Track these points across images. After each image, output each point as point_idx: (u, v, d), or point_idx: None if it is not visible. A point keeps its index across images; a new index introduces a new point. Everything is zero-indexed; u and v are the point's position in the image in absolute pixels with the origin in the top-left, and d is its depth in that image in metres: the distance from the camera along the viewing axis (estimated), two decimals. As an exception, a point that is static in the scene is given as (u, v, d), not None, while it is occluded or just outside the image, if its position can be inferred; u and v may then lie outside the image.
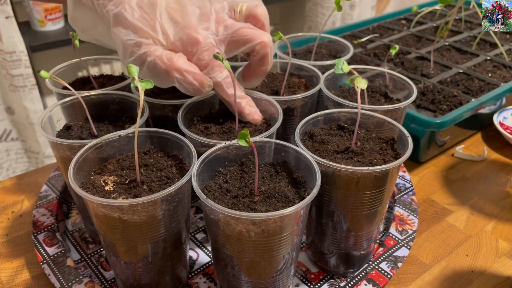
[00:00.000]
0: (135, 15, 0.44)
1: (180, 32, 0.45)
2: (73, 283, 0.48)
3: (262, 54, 0.48)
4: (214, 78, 0.46)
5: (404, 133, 0.46)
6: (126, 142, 0.46)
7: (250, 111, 0.49)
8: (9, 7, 1.18)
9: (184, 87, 0.45)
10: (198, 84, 0.45)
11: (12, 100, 1.31)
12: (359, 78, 0.45)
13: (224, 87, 0.47)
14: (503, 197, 0.63)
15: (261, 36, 0.47)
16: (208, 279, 0.51)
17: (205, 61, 0.46)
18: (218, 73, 0.47)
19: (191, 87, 0.45)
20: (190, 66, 0.45)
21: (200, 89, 0.46)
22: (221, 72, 0.47)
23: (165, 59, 0.44)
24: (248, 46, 0.47)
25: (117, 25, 0.45)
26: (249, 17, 0.49)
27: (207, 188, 0.42)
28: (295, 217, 0.39)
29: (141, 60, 0.45)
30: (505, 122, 0.74)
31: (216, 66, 0.46)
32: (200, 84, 0.45)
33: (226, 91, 0.47)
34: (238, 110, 0.48)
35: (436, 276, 0.51)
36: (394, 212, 0.58)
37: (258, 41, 0.47)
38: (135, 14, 0.44)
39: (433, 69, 0.79)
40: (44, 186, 0.63)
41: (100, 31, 0.50)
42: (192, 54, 0.46)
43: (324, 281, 0.50)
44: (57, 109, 0.52)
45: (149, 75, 0.46)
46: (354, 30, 0.99)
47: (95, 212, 0.41)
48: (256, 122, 0.49)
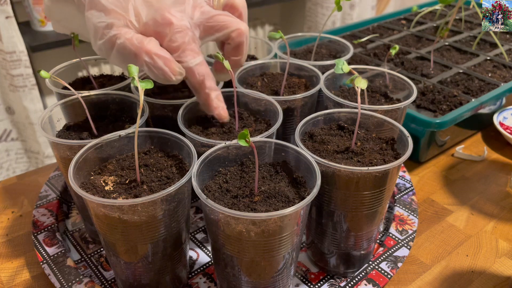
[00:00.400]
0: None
1: (153, 13, 0.43)
2: (73, 283, 0.48)
3: (237, 42, 0.46)
4: (186, 63, 0.44)
5: (404, 133, 0.46)
6: (126, 142, 0.46)
7: (217, 105, 0.47)
8: (9, 7, 1.18)
9: (153, 72, 0.43)
10: (168, 70, 0.43)
11: (12, 100, 1.31)
12: (359, 78, 0.45)
13: (195, 73, 0.44)
14: (503, 197, 0.63)
15: (238, 24, 0.46)
16: (208, 279, 0.51)
17: (177, 43, 0.43)
18: (191, 58, 0.44)
19: (161, 72, 0.43)
20: (161, 50, 0.43)
21: (170, 76, 0.43)
22: (194, 57, 0.44)
23: (135, 41, 0.42)
24: (223, 33, 0.46)
25: (90, 9, 0.44)
26: (227, 7, 0.48)
27: (207, 188, 0.42)
28: (295, 217, 0.39)
29: (111, 42, 0.43)
30: (505, 122, 0.74)
31: (189, 49, 0.44)
32: (170, 70, 0.43)
33: (197, 78, 0.45)
34: (205, 101, 0.46)
35: (436, 276, 0.51)
36: (394, 212, 0.58)
37: (234, 28, 0.46)
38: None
39: (433, 69, 0.79)
40: (44, 186, 0.63)
41: (75, 23, 0.49)
42: (164, 36, 0.43)
43: (324, 281, 0.50)
44: (57, 109, 0.52)
45: (118, 59, 0.44)
46: (354, 30, 0.99)
47: (95, 212, 0.41)
48: (221, 118, 0.47)
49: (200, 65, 0.45)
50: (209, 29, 0.45)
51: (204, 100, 0.46)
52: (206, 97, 0.46)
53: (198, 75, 0.45)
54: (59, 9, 0.48)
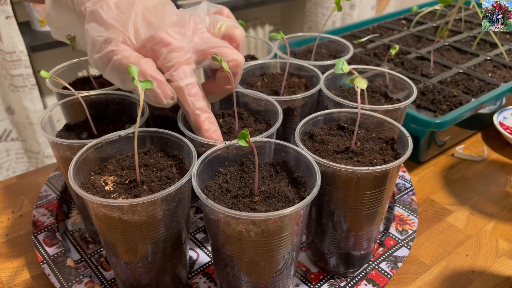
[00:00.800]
0: (110, 14, 0.43)
1: (153, 32, 0.43)
2: (73, 283, 0.48)
3: (232, 72, 0.46)
4: (176, 82, 0.43)
5: (404, 133, 0.46)
6: (126, 142, 0.46)
7: (208, 127, 0.45)
8: (9, 7, 1.18)
9: (145, 93, 0.43)
10: (160, 93, 0.43)
11: (12, 100, 1.31)
12: (359, 78, 0.45)
13: (185, 94, 0.44)
14: (503, 197, 0.63)
15: (235, 55, 0.46)
16: (208, 279, 0.51)
17: (172, 63, 0.43)
18: (183, 77, 0.43)
19: (153, 94, 0.43)
20: (156, 72, 0.43)
21: (161, 99, 0.43)
22: (185, 77, 0.43)
23: (132, 59, 0.42)
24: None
25: (90, 22, 0.44)
26: (226, 37, 0.48)
27: (207, 188, 0.42)
28: (295, 217, 0.39)
29: (108, 57, 0.43)
30: (505, 122, 0.74)
31: (182, 70, 0.43)
32: (163, 93, 0.43)
33: (187, 99, 0.44)
34: (195, 123, 0.45)
35: (436, 276, 0.51)
36: (394, 212, 0.58)
37: (231, 58, 0.46)
38: (110, 13, 0.43)
39: (433, 69, 0.79)
40: (44, 186, 0.63)
41: (74, 31, 0.49)
42: (160, 54, 0.43)
43: (324, 281, 0.50)
44: (57, 109, 0.52)
45: (113, 74, 0.44)
46: (354, 30, 0.99)
47: (95, 212, 0.41)
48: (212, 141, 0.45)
49: (192, 85, 0.44)
50: (206, 54, 0.45)
51: (194, 122, 0.45)
52: (196, 119, 0.45)
53: (189, 95, 0.44)
54: (60, 17, 0.49)
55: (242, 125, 0.51)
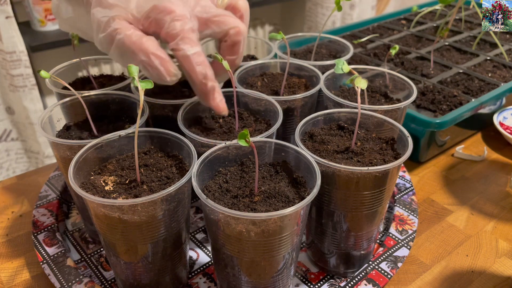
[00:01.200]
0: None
1: (155, 1, 0.43)
2: (73, 283, 0.48)
3: (233, 41, 0.46)
4: (183, 50, 0.42)
5: (404, 133, 0.46)
6: (126, 142, 0.46)
7: (215, 96, 0.45)
8: (9, 7, 1.18)
9: (148, 71, 0.43)
10: (163, 70, 0.42)
11: (12, 100, 1.31)
12: (359, 78, 0.45)
13: (193, 62, 0.43)
14: (503, 197, 0.63)
15: (236, 23, 0.46)
16: (208, 279, 0.51)
17: (176, 30, 0.42)
18: (189, 47, 0.42)
19: (156, 72, 0.43)
20: (158, 50, 0.42)
21: (164, 76, 0.43)
22: (192, 46, 0.43)
23: (134, 38, 0.42)
24: (221, 29, 0.45)
25: (96, 6, 0.44)
26: (229, 7, 0.48)
27: (207, 188, 0.42)
28: (295, 217, 0.39)
29: (111, 37, 0.43)
30: (505, 122, 0.74)
31: (187, 38, 0.42)
32: (166, 71, 0.42)
33: (194, 68, 0.43)
34: (201, 91, 0.45)
35: (436, 276, 0.51)
36: (394, 212, 0.58)
37: (232, 25, 0.45)
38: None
39: (433, 69, 0.79)
40: (44, 186, 0.63)
41: (83, 22, 0.49)
42: (163, 23, 0.43)
43: (324, 281, 0.50)
44: (57, 109, 0.52)
45: (116, 54, 0.44)
46: (354, 30, 0.99)
47: (95, 212, 0.41)
48: (219, 110, 0.46)
49: (198, 54, 0.44)
50: (208, 23, 0.45)
51: (200, 90, 0.45)
52: (203, 87, 0.45)
53: (196, 64, 0.43)
54: (67, 8, 0.49)
55: (242, 125, 0.51)
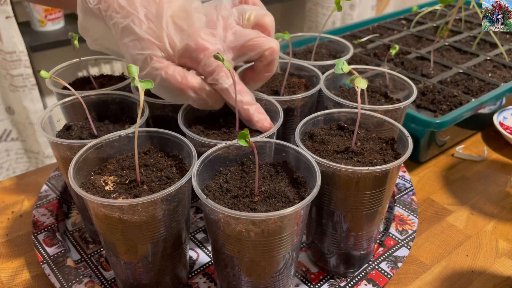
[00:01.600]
0: (143, 27, 0.44)
1: (187, 39, 0.45)
2: (73, 283, 0.48)
3: (270, 60, 0.48)
4: (221, 84, 0.46)
5: (404, 133, 0.46)
6: (126, 142, 0.46)
7: (259, 118, 0.48)
8: (9, 7, 1.18)
9: (197, 104, 0.47)
10: (211, 102, 0.47)
11: (12, 100, 1.31)
12: (359, 78, 0.45)
13: (231, 93, 0.46)
14: (503, 197, 0.63)
15: (270, 43, 0.47)
16: (208, 279, 0.51)
17: (212, 67, 0.45)
18: (225, 79, 0.46)
19: (204, 103, 0.47)
20: (203, 84, 0.46)
21: (213, 107, 0.48)
22: (228, 78, 0.46)
23: (178, 77, 0.44)
24: (257, 52, 0.47)
25: (124, 38, 0.45)
26: (256, 26, 0.49)
27: (207, 188, 0.42)
28: (295, 217, 0.39)
29: (152, 76, 0.45)
30: (505, 122, 0.74)
31: (223, 71, 0.46)
32: (213, 101, 0.47)
33: (233, 97, 0.47)
34: (246, 117, 0.48)
35: (436, 276, 0.51)
36: (394, 212, 0.58)
37: (267, 47, 0.47)
38: (143, 26, 0.44)
39: (433, 69, 0.79)
40: (44, 186, 0.63)
41: (111, 40, 0.50)
42: (199, 61, 0.45)
43: (324, 281, 0.50)
44: (57, 109, 0.52)
45: (162, 91, 0.47)
46: (354, 30, 0.98)
47: (95, 212, 0.41)
48: (265, 129, 0.48)
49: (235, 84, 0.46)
50: (242, 49, 0.47)
51: (245, 116, 0.48)
52: (247, 113, 0.47)
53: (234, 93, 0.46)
54: (94, 28, 0.49)
55: (242, 125, 0.51)
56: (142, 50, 0.44)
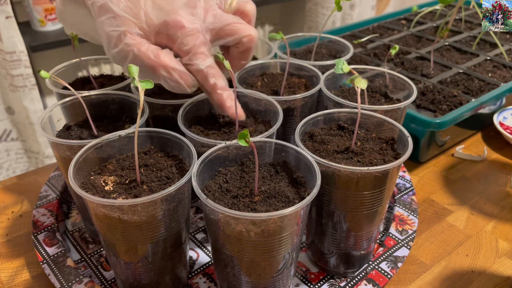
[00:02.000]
0: (120, 5, 0.43)
1: (165, 16, 0.44)
2: (73, 283, 0.48)
3: (246, 47, 0.47)
4: (196, 65, 0.45)
5: (404, 133, 0.46)
6: (126, 142, 0.46)
7: (231, 104, 0.47)
8: (9, 7, 1.18)
9: (169, 84, 0.45)
10: (183, 83, 0.45)
11: (12, 100, 1.31)
12: (359, 78, 0.45)
13: (206, 76, 0.45)
14: (503, 197, 0.63)
15: (249, 30, 0.46)
16: (208, 279, 0.51)
17: (188, 46, 0.44)
18: (201, 61, 0.45)
19: (176, 84, 0.45)
20: (176, 63, 0.44)
21: (185, 88, 0.45)
22: (204, 60, 0.45)
23: (151, 55, 0.43)
24: (234, 38, 0.46)
25: (101, 16, 0.44)
26: (237, 12, 0.49)
27: (207, 188, 0.42)
28: (295, 217, 0.39)
29: (125, 52, 0.44)
30: (505, 122, 0.74)
31: (199, 53, 0.44)
32: (185, 83, 0.45)
33: (208, 81, 0.46)
34: (219, 102, 0.47)
35: (436, 276, 0.51)
36: (394, 212, 0.58)
37: (245, 34, 0.46)
38: (120, 4, 0.43)
39: (433, 69, 0.79)
40: (44, 186, 0.63)
41: (88, 26, 0.49)
42: (175, 39, 0.44)
43: (324, 281, 0.50)
44: (57, 109, 0.52)
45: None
46: (354, 30, 0.98)
47: (95, 212, 0.41)
48: (237, 117, 0.48)
49: (211, 67, 0.45)
50: (220, 33, 0.46)
51: (217, 101, 0.47)
52: (220, 98, 0.47)
53: (209, 77, 0.45)
54: (72, 13, 0.49)
55: (242, 125, 0.51)
56: (117, 27, 0.43)
